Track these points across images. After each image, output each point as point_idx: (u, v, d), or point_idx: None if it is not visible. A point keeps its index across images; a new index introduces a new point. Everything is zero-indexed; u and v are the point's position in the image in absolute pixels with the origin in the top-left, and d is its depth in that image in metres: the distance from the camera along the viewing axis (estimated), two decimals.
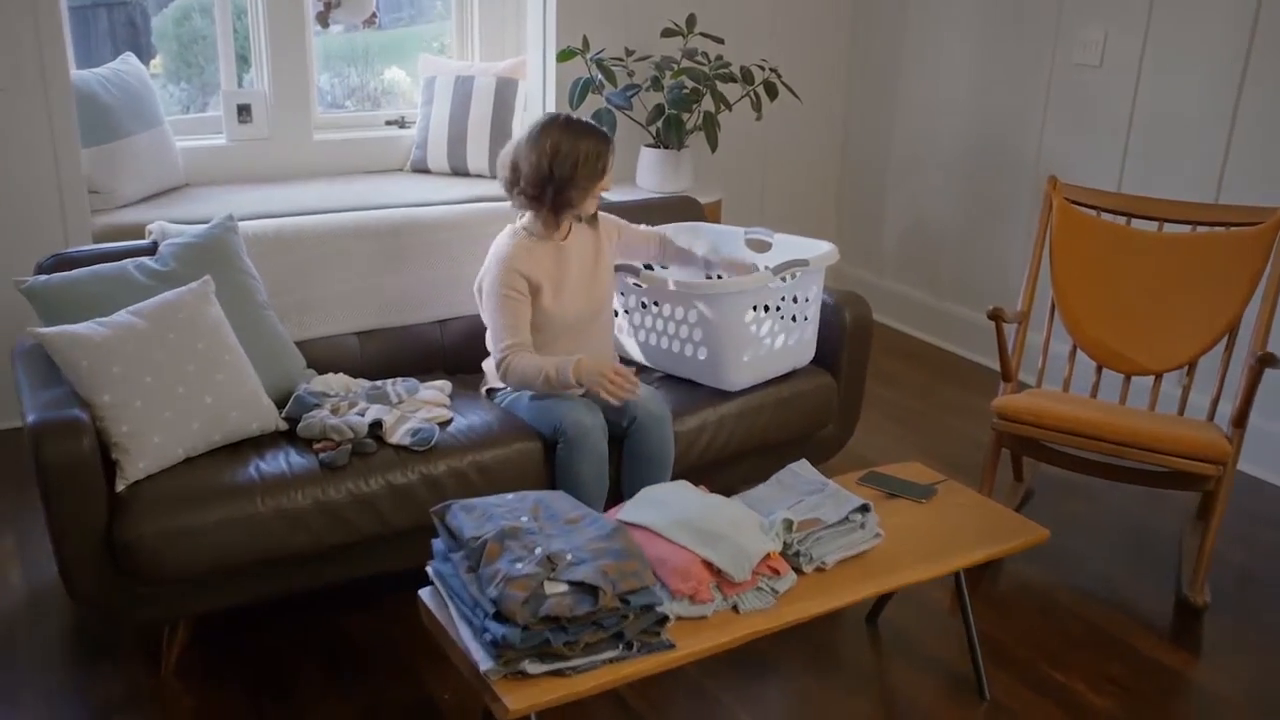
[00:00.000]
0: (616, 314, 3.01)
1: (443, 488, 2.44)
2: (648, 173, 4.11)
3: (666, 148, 4.06)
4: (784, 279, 2.76)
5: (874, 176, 4.85)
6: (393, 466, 2.40)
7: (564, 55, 3.93)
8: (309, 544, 2.32)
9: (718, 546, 1.98)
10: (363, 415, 2.49)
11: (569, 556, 1.87)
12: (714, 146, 4.01)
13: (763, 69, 4.06)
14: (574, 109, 3.92)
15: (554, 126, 2.59)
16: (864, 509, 2.15)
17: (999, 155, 4.25)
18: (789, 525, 2.07)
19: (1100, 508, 3.25)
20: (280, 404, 2.54)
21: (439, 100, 4.42)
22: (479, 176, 4.37)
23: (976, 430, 3.73)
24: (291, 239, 2.87)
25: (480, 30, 4.66)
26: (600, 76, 3.91)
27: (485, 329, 2.88)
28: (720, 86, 3.97)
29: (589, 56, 3.91)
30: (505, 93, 4.36)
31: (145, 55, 4.38)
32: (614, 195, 4.11)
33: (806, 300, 2.86)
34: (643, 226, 3.01)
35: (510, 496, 2.09)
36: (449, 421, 2.57)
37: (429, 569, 2.04)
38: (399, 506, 2.40)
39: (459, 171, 4.40)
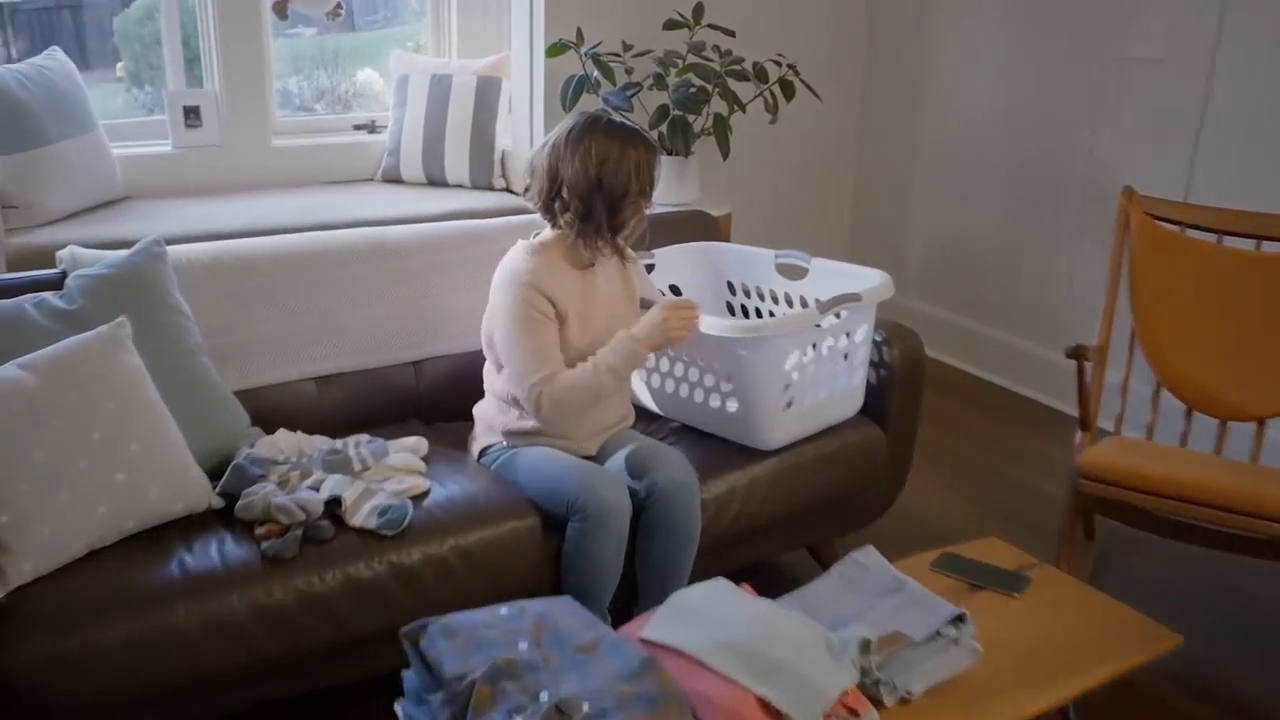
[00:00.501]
0: None
1: (417, 581, 1.96)
2: None
3: (672, 154, 3.59)
4: (837, 316, 2.29)
5: (895, 184, 4.40)
6: (354, 556, 1.92)
7: (554, 50, 3.45)
8: (246, 661, 1.83)
9: (778, 681, 1.51)
10: (317, 489, 2.00)
11: (585, 706, 1.40)
12: (726, 153, 3.54)
13: (779, 65, 3.60)
14: (566, 110, 3.44)
15: (597, 130, 2.14)
16: (959, 620, 1.68)
17: (1042, 162, 3.80)
18: (866, 646, 1.60)
19: (1181, 572, 2.80)
20: (216, 475, 2.05)
21: (413, 102, 3.94)
22: (458, 187, 3.89)
23: (1031, 477, 3.27)
24: (234, 266, 2.38)
25: (459, 24, 4.18)
26: (596, 73, 3.43)
27: (471, 368, 2.41)
28: (732, 85, 3.51)
29: (583, 51, 3.44)
30: (487, 93, 3.88)
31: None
32: None
33: (855, 341, 2.39)
34: (654, 265, 2.58)
35: (504, 610, 1.61)
36: (425, 493, 2.08)
37: (398, 710, 1.56)
38: (362, 608, 1.91)
39: (436, 181, 3.92)
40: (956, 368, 4.18)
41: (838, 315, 2.33)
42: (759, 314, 2.72)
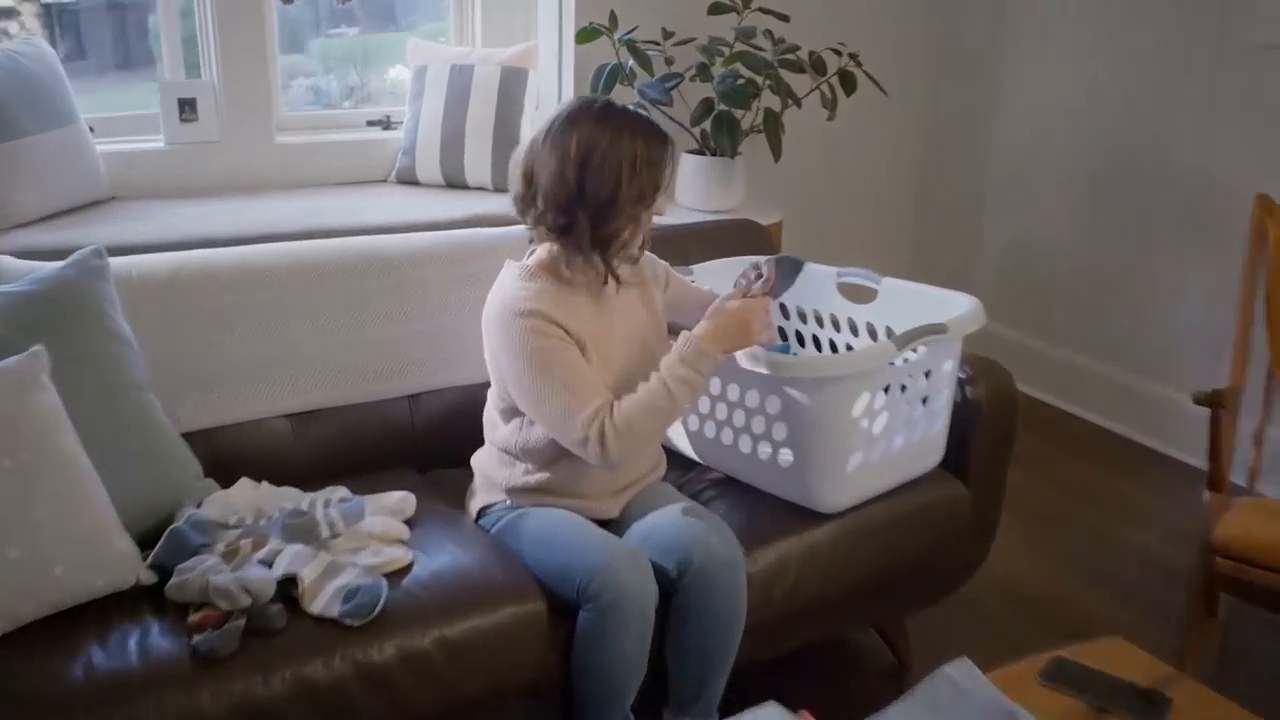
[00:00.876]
0: None
1: (390, 683, 1.56)
2: (691, 186, 3.23)
3: (716, 154, 3.18)
4: (914, 351, 1.87)
5: (967, 190, 3.96)
6: (310, 652, 1.53)
7: (584, 35, 3.05)
8: None
9: None
10: (271, 565, 1.62)
11: None
12: (778, 153, 3.12)
13: (839, 54, 3.18)
14: None
15: (586, 117, 1.72)
16: None
17: (1138, 167, 3.34)
18: None
19: None
20: (151, 540, 1.67)
21: (431, 95, 3.56)
22: (479, 190, 3.50)
23: (1134, 533, 2.83)
24: (198, 281, 2.01)
25: (483, 10, 3.80)
26: (632, 62, 3.03)
27: (477, 404, 2.02)
28: (785, 77, 3.09)
29: (617, 37, 3.04)
30: (511, 85, 3.49)
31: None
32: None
33: (938, 382, 1.97)
34: (693, 282, 2.16)
35: None
36: (407, 568, 1.69)
37: None
38: (317, 719, 1.52)
39: (454, 183, 3.54)
40: (1040, 400, 3.71)
41: (914, 350, 1.91)
42: (817, 344, 2.30)
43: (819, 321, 2.28)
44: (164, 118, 3.39)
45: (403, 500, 1.86)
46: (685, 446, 2.13)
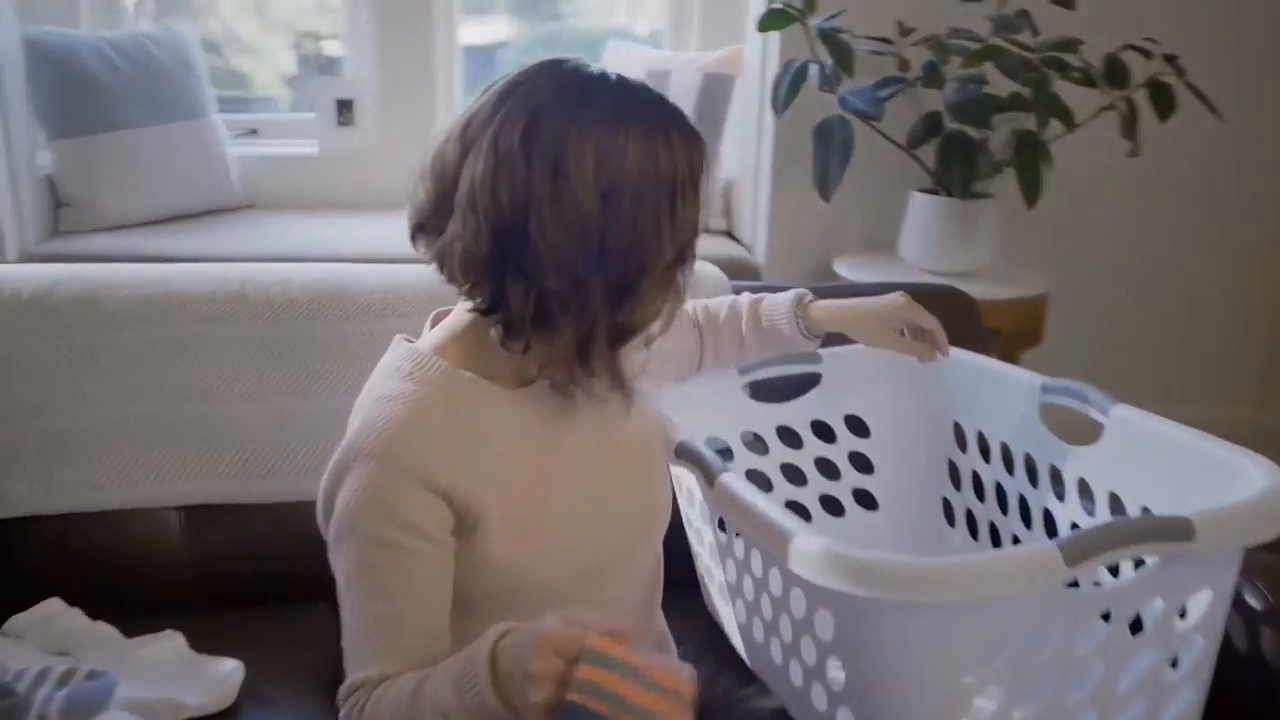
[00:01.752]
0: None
1: None
2: (914, 236, 2.35)
3: (948, 194, 2.28)
4: (1115, 571, 0.95)
5: None
6: None
7: (768, 21, 2.23)
8: None
9: None
10: None
11: None
12: (1034, 196, 2.16)
13: (1147, 56, 2.18)
14: (779, 113, 2.25)
15: (562, 107, 0.93)
16: None
17: None
18: None
19: None
20: None
21: None
22: None
23: None
24: (68, 308, 1.49)
25: (702, 5, 3.10)
26: (829, 61, 2.20)
27: None
28: (1053, 85, 2.14)
29: (812, 24, 2.22)
30: (714, 94, 2.75)
31: None
32: (843, 269, 2.40)
33: (1184, 624, 1.01)
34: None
35: None
36: None
37: None
38: None
39: None
40: None
41: (1114, 571, 0.97)
42: (1001, 499, 1.38)
43: (1006, 462, 1.36)
44: (319, 119, 2.97)
45: (224, 680, 1.17)
46: (736, 640, 1.31)
